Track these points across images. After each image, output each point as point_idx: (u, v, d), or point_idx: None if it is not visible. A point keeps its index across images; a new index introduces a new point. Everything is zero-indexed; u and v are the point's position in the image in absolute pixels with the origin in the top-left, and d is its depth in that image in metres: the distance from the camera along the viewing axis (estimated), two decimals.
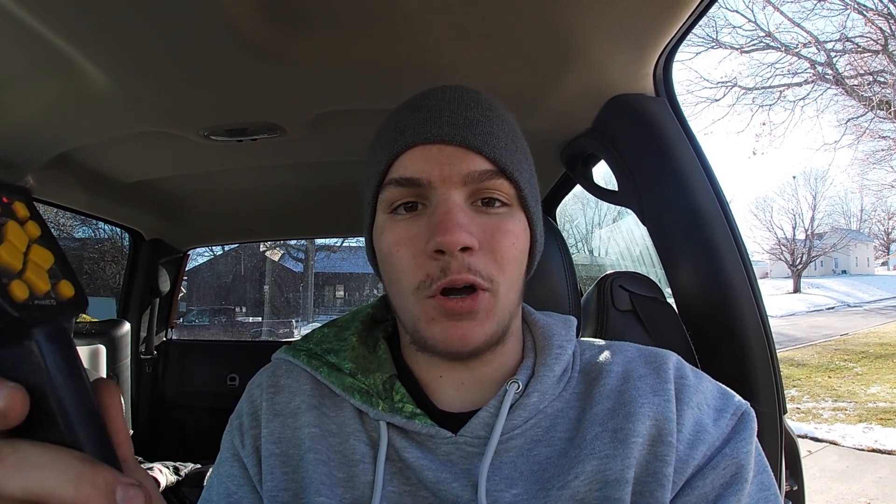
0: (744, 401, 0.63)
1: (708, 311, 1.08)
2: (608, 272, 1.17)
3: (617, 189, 1.26)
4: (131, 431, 2.39)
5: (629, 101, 1.15)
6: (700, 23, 1.00)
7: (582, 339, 0.74)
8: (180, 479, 1.51)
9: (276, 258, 15.00)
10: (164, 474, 1.47)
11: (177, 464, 1.55)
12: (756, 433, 0.61)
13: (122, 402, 1.39)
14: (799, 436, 1.09)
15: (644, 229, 1.22)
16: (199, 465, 1.58)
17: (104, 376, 2.11)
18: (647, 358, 0.65)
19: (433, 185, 0.58)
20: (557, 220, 2.13)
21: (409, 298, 0.60)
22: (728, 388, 0.65)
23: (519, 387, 0.63)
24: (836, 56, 12.13)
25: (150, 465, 1.49)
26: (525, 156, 0.64)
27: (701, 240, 1.08)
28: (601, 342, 0.72)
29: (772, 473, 0.60)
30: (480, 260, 0.57)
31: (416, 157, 0.59)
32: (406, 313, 0.62)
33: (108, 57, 1.02)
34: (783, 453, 1.03)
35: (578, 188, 1.86)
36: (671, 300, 1.16)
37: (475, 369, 0.65)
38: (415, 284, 0.58)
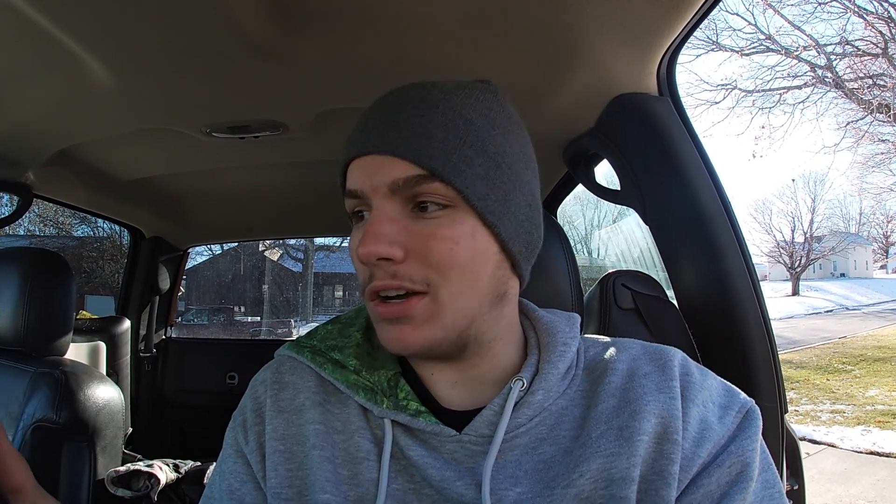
0: (749, 398, 0.63)
1: (710, 309, 1.08)
2: (610, 271, 1.17)
3: (619, 188, 1.26)
4: (130, 429, 2.39)
5: (633, 100, 1.15)
6: (701, 25, 1.00)
7: (586, 336, 0.74)
8: (180, 476, 1.51)
9: (275, 258, 15.00)
10: (163, 471, 1.47)
11: (177, 461, 1.55)
12: (761, 431, 0.61)
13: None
14: (797, 438, 1.10)
15: (644, 230, 1.22)
16: (199, 463, 1.58)
17: (104, 372, 2.11)
18: (652, 355, 0.65)
19: (367, 195, 0.59)
20: (558, 220, 2.13)
21: (364, 297, 0.62)
22: (733, 386, 0.64)
23: (524, 384, 0.62)
24: (835, 59, 12.15)
25: (150, 461, 1.49)
26: (479, 149, 0.59)
27: (703, 239, 1.08)
28: (606, 339, 0.72)
29: (776, 472, 0.60)
30: (412, 267, 0.57)
31: (355, 170, 0.61)
32: (369, 312, 0.64)
33: (111, 53, 1.03)
34: (784, 452, 1.04)
35: (578, 188, 1.86)
36: (673, 301, 1.16)
37: (463, 370, 0.65)
38: (362, 287, 0.61)
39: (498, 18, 0.95)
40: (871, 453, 5.00)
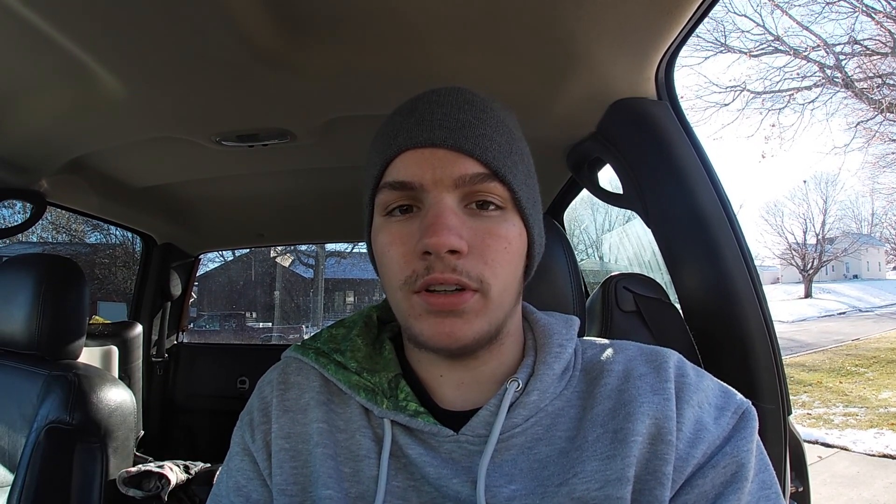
0: (745, 399, 0.64)
1: (711, 311, 1.08)
2: (613, 273, 1.18)
3: (622, 192, 1.27)
4: (141, 432, 2.41)
5: (632, 104, 1.16)
6: (709, 27, 1.02)
7: (584, 338, 0.75)
8: (190, 477, 1.53)
9: (287, 264, 15.03)
10: (174, 472, 1.49)
11: (187, 462, 1.57)
12: (757, 432, 0.61)
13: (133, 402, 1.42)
14: (810, 441, 1.09)
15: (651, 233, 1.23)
16: (209, 465, 1.59)
17: (116, 376, 2.14)
18: (648, 357, 0.66)
19: (425, 188, 0.59)
20: (565, 224, 2.14)
21: (397, 293, 0.61)
22: (729, 387, 0.65)
23: (519, 385, 0.64)
24: (845, 59, 12.03)
25: (161, 462, 1.51)
26: (521, 157, 0.65)
27: (704, 240, 1.08)
28: (603, 341, 0.73)
29: (773, 472, 0.60)
30: (469, 262, 0.58)
31: (409, 161, 0.60)
32: (398, 309, 0.63)
33: (122, 64, 1.05)
34: (788, 454, 1.04)
35: (586, 192, 1.87)
36: (676, 303, 1.17)
37: (474, 368, 0.66)
38: (402, 280, 0.60)
39: (499, 28, 0.97)
40: (884, 456, 4.93)
